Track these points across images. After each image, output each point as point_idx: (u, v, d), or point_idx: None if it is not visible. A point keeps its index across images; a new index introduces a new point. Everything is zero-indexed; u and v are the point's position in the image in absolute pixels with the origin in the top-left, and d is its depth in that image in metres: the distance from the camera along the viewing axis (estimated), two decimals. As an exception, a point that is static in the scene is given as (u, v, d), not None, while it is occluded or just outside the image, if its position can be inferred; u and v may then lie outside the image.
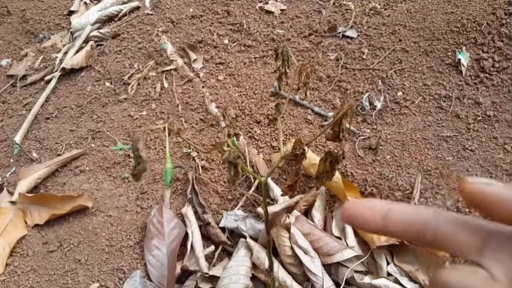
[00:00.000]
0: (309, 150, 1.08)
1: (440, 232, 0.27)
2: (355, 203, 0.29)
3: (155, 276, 0.96)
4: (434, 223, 0.27)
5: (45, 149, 1.31)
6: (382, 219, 0.28)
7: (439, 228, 0.27)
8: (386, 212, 0.28)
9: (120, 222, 1.04)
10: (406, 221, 0.28)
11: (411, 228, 0.28)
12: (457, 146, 1.08)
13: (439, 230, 0.27)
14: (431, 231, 0.27)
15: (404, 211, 0.28)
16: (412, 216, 0.28)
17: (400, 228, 0.28)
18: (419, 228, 0.27)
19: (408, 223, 0.28)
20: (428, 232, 0.27)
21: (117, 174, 1.16)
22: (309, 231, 0.98)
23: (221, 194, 1.11)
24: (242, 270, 0.92)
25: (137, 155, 0.43)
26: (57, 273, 0.96)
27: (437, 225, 0.27)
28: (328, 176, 0.55)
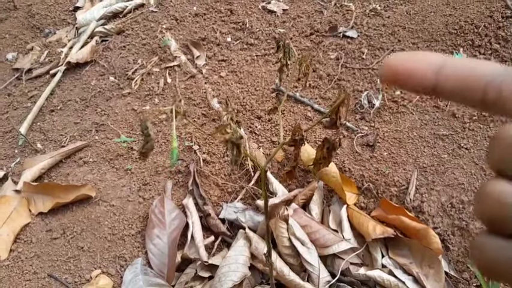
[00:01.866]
0: (308, 145, 1.11)
1: (507, 91, 0.21)
2: (402, 55, 0.24)
3: (156, 264, 0.99)
4: (501, 79, 0.22)
5: (50, 140, 1.33)
6: (435, 74, 0.23)
7: (504, 86, 0.21)
8: (441, 65, 0.23)
9: (122, 211, 1.07)
10: (464, 76, 0.23)
11: (470, 84, 0.22)
12: (453, 144, 1.11)
13: (505, 87, 0.21)
14: (495, 88, 0.22)
15: (463, 64, 0.23)
16: (473, 70, 0.22)
17: (456, 85, 0.23)
18: (480, 85, 0.22)
19: (467, 78, 0.22)
20: (492, 90, 0.22)
21: (120, 165, 1.19)
22: (306, 223, 1.00)
23: (221, 186, 1.14)
24: (241, 260, 0.95)
25: (146, 134, 0.46)
26: (60, 260, 0.99)
27: (505, 82, 0.21)
28: (325, 163, 0.58)
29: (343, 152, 1.14)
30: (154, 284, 0.95)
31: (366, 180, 1.09)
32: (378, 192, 1.07)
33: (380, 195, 1.06)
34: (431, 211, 1.00)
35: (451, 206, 1.00)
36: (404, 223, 0.96)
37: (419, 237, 0.94)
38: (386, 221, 1.00)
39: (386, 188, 1.07)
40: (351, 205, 1.06)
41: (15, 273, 0.97)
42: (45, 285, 0.95)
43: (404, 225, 0.96)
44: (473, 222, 0.96)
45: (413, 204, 1.02)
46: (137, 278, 0.96)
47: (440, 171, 1.06)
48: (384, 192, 1.07)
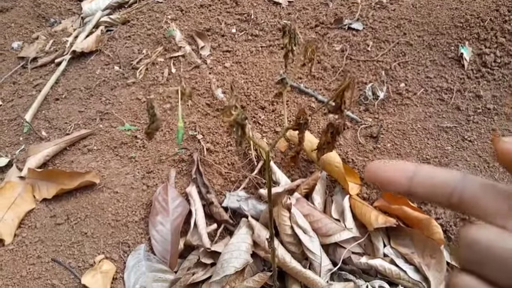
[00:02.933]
0: (311, 135, 1.11)
1: (467, 195, 0.26)
2: (380, 163, 0.29)
3: (159, 250, 1.00)
4: (462, 185, 0.26)
5: (54, 128, 1.34)
6: (408, 180, 0.28)
7: (466, 191, 0.26)
8: (413, 172, 0.28)
9: (126, 198, 1.08)
10: (432, 183, 0.27)
11: (437, 190, 0.27)
12: (457, 137, 1.11)
13: (466, 192, 0.26)
14: (458, 194, 0.26)
15: (431, 173, 0.28)
16: (439, 178, 0.27)
17: (425, 190, 0.27)
18: (445, 191, 0.27)
19: (435, 185, 0.27)
20: (454, 195, 0.26)
21: (124, 153, 1.19)
22: (308, 212, 1.01)
23: (225, 175, 1.14)
24: (243, 247, 0.95)
25: (152, 114, 0.46)
26: (64, 245, 1.00)
27: (465, 188, 0.26)
28: (328, 148, 0.58)
29: (347, 143, 1.14)
30: (157, 270, 0.96)
31: (369, 171, 1.09)
32: (381, 183, 1.07)
33: (383, 186, 1.06)
34: (433, 202, 1.01)
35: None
36: (406, 213, 0.96)
37: (421, 227, 0.95)
38: (389, 211, 1.00)
39: (389, 179, 1.07)
40: (354, 195, 1.06)
41: (19, 257, 0.98)
42: (49, 269, 0.95)
43: (407, 215, 0.96)
44: (475, 213, 0.96)
45: (416, 195, 1.02)
46: (140, 264, 0.96)
47: (444, 163, 1.06)
48: (386, 183, 1.07)
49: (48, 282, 0.93)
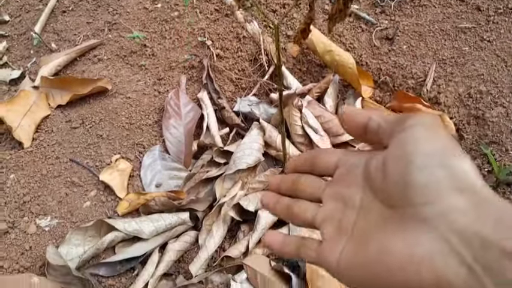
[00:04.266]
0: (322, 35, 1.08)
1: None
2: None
3: (173, 151, 1.02)
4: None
5: (64, 40, 1.33)
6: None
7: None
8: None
9: (138, 103, 1.08)
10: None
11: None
12: (475, 37, 1.07)
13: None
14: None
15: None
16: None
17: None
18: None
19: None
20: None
21: (134, 62, 1.19)
22: (320, 113, 1.01)
23: (235, 82, 1.13)
24: (255, 146, 0.97)
25: None
26: (80, 146, 1.02)
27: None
28: (341, 16, 0.56)
29: (361, 45, 1.11)
30: (172, 168, 0.99)
31: (383, 74, 1.07)
32: (395, 85, 1.06)
33: (396, 88, 1.05)
34: (447, 102, 0.99)
35: (468, 96, 0.98)
36: (419, 111, 0.95)
37: (433, 123, 0.94)
38: (401, 110, 0.99)
39: (403, 81, 1.05)
40: (366, 98, 1.05)
41: (38, 158, 1.01)
42: (68, 169, 0.99)
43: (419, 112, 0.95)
44: (489, 111, 0.95)
45: (429, 95, 1.01)
46: (156, 163, 0.99)
47: (460, 63, 1.04)
48: (400, 85, 1.05)
49: (68, 180, 0.97)
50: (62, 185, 0.96)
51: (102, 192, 0.95)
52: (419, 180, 0.26)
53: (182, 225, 0.89)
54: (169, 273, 0.85)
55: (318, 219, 0.34)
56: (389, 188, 0.28)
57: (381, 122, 0.31)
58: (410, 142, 0.27)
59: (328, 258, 0.31)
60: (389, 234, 0.27)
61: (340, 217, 0.32)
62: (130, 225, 0.84)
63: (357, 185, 0.32)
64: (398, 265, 0.26)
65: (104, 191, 0.95)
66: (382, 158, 0.29)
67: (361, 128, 0.32)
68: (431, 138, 0.27)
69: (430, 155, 0.26)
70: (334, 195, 0.34)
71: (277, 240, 0.37)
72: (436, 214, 0.25)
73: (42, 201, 0.94)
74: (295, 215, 0.36)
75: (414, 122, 0.28)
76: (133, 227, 0.84)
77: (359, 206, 0.31)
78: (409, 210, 0.26)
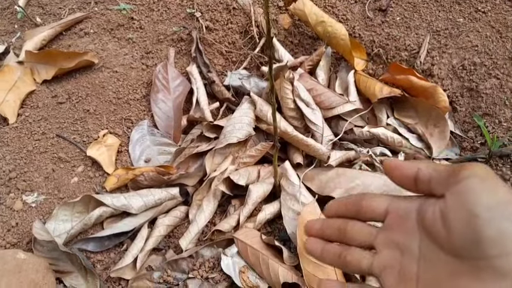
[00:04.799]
0: (315, 6, 1.05)
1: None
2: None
3: (162, 126, 1.00)
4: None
5: (49, 14, 1.28)
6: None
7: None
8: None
9: (126, 77, 1.06)
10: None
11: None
12: (470, 8, 1.04)
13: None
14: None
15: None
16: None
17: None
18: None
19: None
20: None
21: (121, 35, 1.15)
22: (312, 86, 0.99)
23: (225, 55, 1.11)
24: (245, 120, 0.95)
25: None
26: (67, 122, 1.00)
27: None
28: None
29: (354, 17, 1.09)
30: (161, 144, 0.97)
31: (376, 46, 1.05)
32: (388, 57, 1.03)
33: (390, 61, 1.03)
34: (441, 74, 0.98)
35: (462, 67, 0.97)
36: (412, 82, 0.94)
37: (426, 95, 0.93)
38: (394, 82, 0.98)
39: (396, 53, 1.03)
40: (359, 71, 1.03)
41: (24, 134, 0.98)
42: (55, 144, 0.97)
43: (412, 85, 0.94)
44: (483, 82, 0.94)
45: (423, 67, 0.99)
46: (144, 138, 0.97)
47: (454, 35, 1.01)
48: (393, 57, 1.03)
49: (55, 156, 0.95)
50: (48, 161, 0.94)
51: (89, 167, 0.93)
52: (489, 233, 0.26)
53: (172, 200, 0.87)
54: (159, 248, 0.84)
55: (376, 268, 0.34)
56: (455, 240, 0.28)
57: (432, 173, 0.31)
58: (469, 194, 0.28)
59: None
60: (464, 283, 0.28)
61: (399, 266, 0.32)
62: (119, 200, 0.83)
63: (412, 233, 0.32)
64: None
65: (92, 167, 0.94)
66: (440, 210, 0.30)
67: (412, 179, 0.33)
68: (491, 189, 0.28)
69: (493, 207, 0.27)
70: (388, 243, 0.34)
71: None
72: (509, 265, 0.26)
73: (28, 178, 0.92)
74: (348, 264, 0.36)
75: (469, 173, 0.29)
76: (121, 202, 0.83)
77: (418, 254, 0.31)
78: (483, 262, 0.27)
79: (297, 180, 0.88)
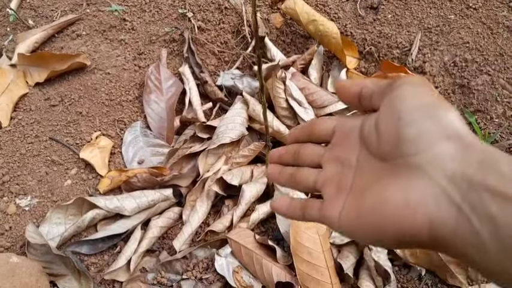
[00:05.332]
0: (307, 4, 1.05)
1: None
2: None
3: (155, 127, 1.00)
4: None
5: (41, 16, 1.28)
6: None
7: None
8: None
9: (118, 79, 1.06)
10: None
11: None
12: (461, 5, 1.04)
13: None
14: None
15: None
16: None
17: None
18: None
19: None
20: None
21: (113, 37, 1.15)
22: (304, 85, 0.99)
23: (218, 55, 1.11)
24: (238, 120, 0.95)
25: None
26: (60, 124, 1.00)
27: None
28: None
29: (346, 15, 1.09)
30: (154, 145, 0.97)
31: (368, 44, 1.05)
32: (380, 55, 1.04)
33: (382, 58, 1.03)
34: (432, 71, 0.98)
35: (453, 64, 0.97)
36: (404, 80, 0.94)
37: (418, 93, 0.93)
38: (386, 80, 0.98)
39: (388, 51, 1.03)
40: (351, 69, 1.03)
41: (17, 137, 0.98)
42: (48, 147, 0.97)
43: (404, 82, 0.94)
44: (474, 79, 0.94)
45: (414, 64, 0.99)
46: (137, 139, 0.97)
47: (446, 32, 1.02)
48: (385, 55, 1.03)
49: (48, 159, 0.95)
50: (41, 164, 0.94)
51: (82, 170, 0.93)
52: (409, 133, 0.28)
53: (165, 202, 0.87)
54: (153, 249, 0.84)
55: (319, 183, 0.36)
56: (382, 145, 0.30)
57: (373, 88, 0.33)
58: (398, 100, 0.29)
59: (330, 216, 0.33)
60: (384, 184, 0.29)
61: (339, 178, 0.34)
62: (112, 202, 0.83)
63: (353, 146, 0.34)
64: (394, 212, 0.27)
65: (85, 169, 0.94)
66: (375, 119, 0.31)
67: (356, 97, 0.34)
68: (418, 94, 0.29)
69: (417, 110, 0.28)
70: (332, 159, 0.36)
71: (284, 205, 0.38)
72: (427, 161, 0.27)
73: (21, 181, 0.92)
74: (298, 182, 0.38)
75: (401, 82, 0.30)
76: (114, 204, 0.83)
77: (355, 165, 0.33)
78: (402, 160, 0.28)
79: (290, 180, 0.88)
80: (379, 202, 0.29)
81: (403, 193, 0.27)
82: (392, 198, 0.28)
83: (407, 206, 0.27)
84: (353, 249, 0.81)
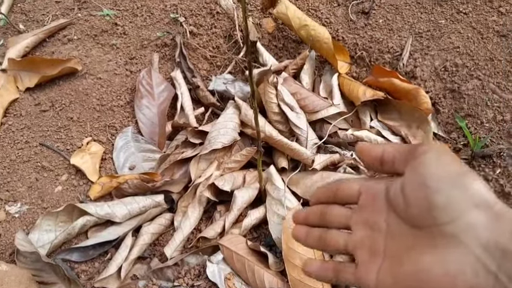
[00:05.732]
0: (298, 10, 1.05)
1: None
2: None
3: (146, 132, 0.99)
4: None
5: (32, 21, 1.27)
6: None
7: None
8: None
9: (110, 84, 1.05)
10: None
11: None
12: (451, 10, 1.05)
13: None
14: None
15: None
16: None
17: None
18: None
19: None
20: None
21: (105, 41, 1.15)
22: (296, 90, 0.99)
23: (210, 60, 1.10)
24: (230, 125, 0.95)
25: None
26: (50, 130, 0.99)
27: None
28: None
29: (337, 20, 1.09)
30: (145, 150, 0.97)
31: (360, 49, 1.05)
32: (371, 60, 1.04)
33: (373, 63, 1.04)
34: (423, 75, 0.98)
35: (444, 69, 0.97)
36: (395, 85, 0.94)
37: (409, 98, 0.93)
38: (378, 85, 0.98)
39: (379, 55, 1.04)
40: (343, 74, 1.03)
41: (7, 143, 0.98)
42: (38, 153, 0.96)
43: (395, 87, 0.94)
44: (465, 84, 0.94)
45: (406, 69, 1.00)
46: (129, 145, 0.97)
47: (436, 36, 1.02)
48: (377, 59, 1.04)
49: (38, 165, 0.94)
50: (32, 170, 0.94)
51: (73, 176, 0.93)
52: (439, 201, 0.29)
53: (157, 208, 0.87)
54: (144, 256, 0.84)
55: (350, 247, 0.37)
56: (411, 209, 0.31)
57: (394, 153, 0.34)
58: (423, 168, 0.31)
59: (366, 280, 0.34)
60: (421, 253, 0.30)
61: (370, 242, 0.35)
62: (103, 208, 0.82)
63: (380, 210, 0.35)
64: (434, 279, 0.29)
65: (76, 175, 0.93)
66: (400, 184, 0.32)
67: (378, 161, 0.35)
68: (442, 162, 0.30)
69: (444, 178, 0.29)
70: (361, 222, 0.37)
71: (315, 268, 0.39)
72: (461, 230, 0.28)
73: (11, 187, 0.91)
74: (328, 245, 0.39)
75: (424, 149, 0.31)
76: (105, 210, 0.82)
77: (386, 229, 0.34)
78: (436, 229, 0.29)
79: (281, 185, 0.88)
80: (418, 269, 0.30)
81: (442, 261, 0.28)
82: (432, 266, 0.29)
83: (447, 274, 0.28)
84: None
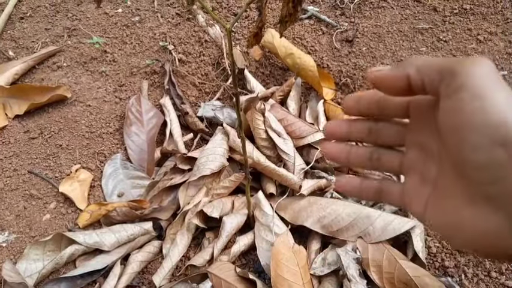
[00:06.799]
0: (285, 39, 1.08)
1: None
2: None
3: (135, 159, 1.00)
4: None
5: (21, 47, 1.29)
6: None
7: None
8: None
9: (99, 111, 1.06)
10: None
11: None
12: (432, 38, 1.09)
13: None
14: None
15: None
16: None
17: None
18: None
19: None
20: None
21: (94, 68, 1.16)
22: (283, 116, 1.01)
23: (199, 86, 1.12)
24: (219, 151, 0.96)
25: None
26: (39, 157, 0.99)
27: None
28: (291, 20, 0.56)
29: (322, 48, 1.12)
30: (134, 177, 0.97)
31: (344, 75, 1.08)
32: (355, 86, 1.07)
33: (357, 89, 1.07)
34: (406, 102, 1.01)
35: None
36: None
37: (393, 124, 0.96)
38: (362, 112, 1.00)
39: (363, 82, 1.07)
40: (328, 100, 1.06)
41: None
42: (26, 181, 0.96)
43: (379, 114, 0.97)
44: (446, 110, 0.97)
45: (389, 96, 1.03)
46: (117, 172, 0.97)
47: (418, 64, 1.06)
48: (361, 86, 1.07)
49: (26, 193, 0.94)
50: (20, 198, 0.93)
51: (62, 204, 0.93)
52: (478, 160, 0.26)
53: (145, 235, 0.87)
54: (133, 285, 0.83)
55: (405, 168, 0.35)
56: (449, 153, 0.29)
57: (423, 77, 0.29)
58: (460, 113, 0.26)
59: (413, 207, 0.34)
60: (461, 206, 0.29)
61: (422, 168, 0.33)
62: (91, 237, 0.82)
63: (432, 134, 0.32)
64: (473, 237, 0.29)
65: (64, 203, 0.93)
66: (438, 121, 0.29)
67: (404, 84, 0.30)
68: (484, 105, 0.25)
69: (484, 132, 0.25)
70: (415, 144, 0.34)
71: (355, 186, 0.37)
72: (501, 194, 0.26)
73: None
74: (382, 165, 0.37)
75: (463, 80, 0.26)
76: (93, 239, 0.82)
77: (438, 157, 0.32)
78: (476, 188, 0.28)
79: (270, 210, 0.89)
80: (458, 222, 0.30)
81: (480, 223, 0.28)
82: (470, 224, 0.29)
83: (485, 235, 0.28)
84: (333, 280, 0.82)
